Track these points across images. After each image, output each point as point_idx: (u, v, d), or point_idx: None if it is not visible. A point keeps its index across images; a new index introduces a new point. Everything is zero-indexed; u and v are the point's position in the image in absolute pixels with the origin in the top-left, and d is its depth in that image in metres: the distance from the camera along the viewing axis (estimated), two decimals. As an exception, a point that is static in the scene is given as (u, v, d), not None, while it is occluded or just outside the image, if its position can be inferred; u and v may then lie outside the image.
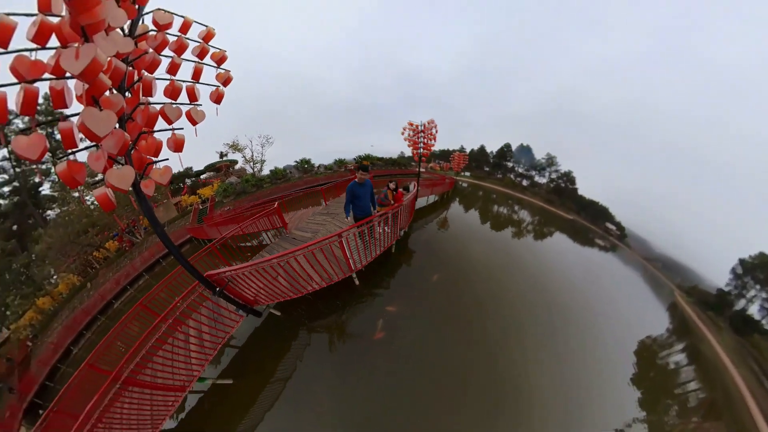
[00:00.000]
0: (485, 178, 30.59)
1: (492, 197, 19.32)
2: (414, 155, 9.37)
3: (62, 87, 1.32)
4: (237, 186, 15.46)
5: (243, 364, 4.03)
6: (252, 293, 3.52)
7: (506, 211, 15.67)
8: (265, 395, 3.48)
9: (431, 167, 31.69)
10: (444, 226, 9.39)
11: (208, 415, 3.48)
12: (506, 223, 12.59)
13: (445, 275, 5.78)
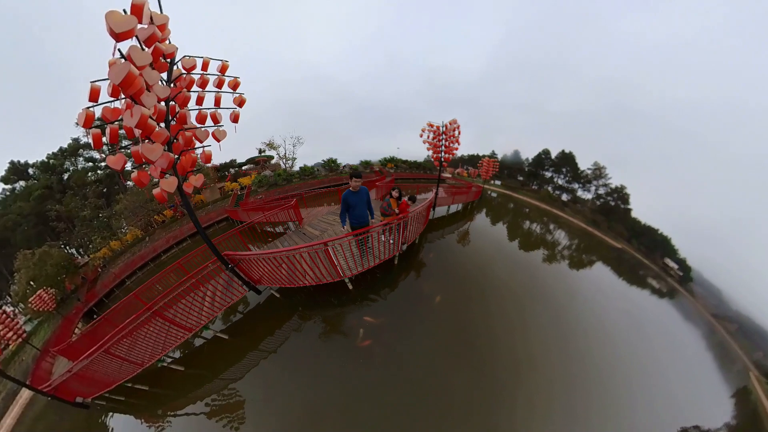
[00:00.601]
0: (518, 188, 26.67)
1: (524, 212, 16.78)
2: (434, 159, 8.56)
3: (131, 126, 2.21)
4: (270, 179, 17.19)
5: (240, 328, 4.84)
6: (256, 275, 4.27)
7: (539, 229, 13.27)
8: (251, 357, 4.14)
9: (458, 173, 29.48)
10: (464, 239, 8.32)
11: (204, 356, 4.45)
12: (538, 243, 10.41)
13: (453, 296, 5.09)
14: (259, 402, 3.54)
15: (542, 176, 30.21)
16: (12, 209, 14.81)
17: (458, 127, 8.09)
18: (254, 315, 4.99)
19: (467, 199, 11.89)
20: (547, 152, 30.28)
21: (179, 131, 2.89)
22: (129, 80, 2.00)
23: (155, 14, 2.30)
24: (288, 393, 3.57)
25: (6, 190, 15.76)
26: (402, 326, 4.26)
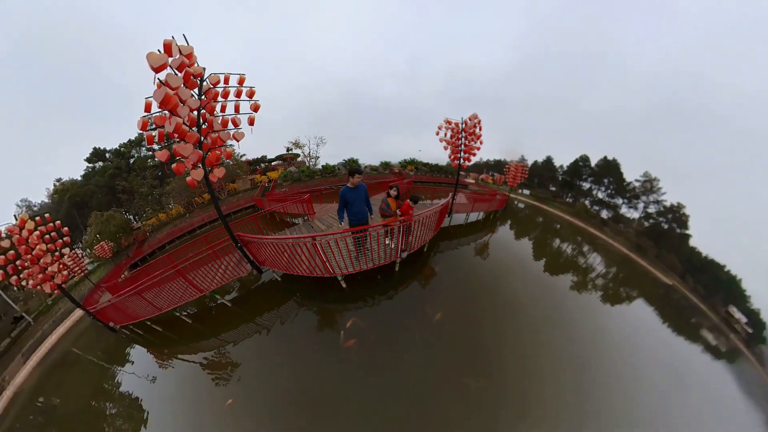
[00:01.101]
0: (549, 200, 22.50)
1: (554, 227, 14.37)
2: (453, 161, 7.53)
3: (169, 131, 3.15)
4: (295, 174, 18.67)
5: (243, 301, 5.45)
6: (261, 257, 4.83)
7: (571, 250, 10.99)
8: (246, 327, 4.62)
9: (482, 179, 26.82)
10: (482, 253, 7.33)
11: (209, 317, 5.23)
12: (567, 267, 8.47)
13: (457, 316, 4.49)
14: (244, 365, 3.96)
15: (579, 187, 24.77)
16: (92, 181, 19.81)
17: (479, 122, 6.95)
18: (257, 293, 5.52)
19: (489, 207, 10.65)
20: (585, 159, 24.50)
21: (207, 134, 3.73)
22: (166, 99, 2.95)
23: (183, 47, 3.17)
24: (269, 365, 3.93)
25: (89, 168, 20.98)
26: (390, 337, 4.00)
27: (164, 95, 2.94)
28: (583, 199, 24.84)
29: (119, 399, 4.43)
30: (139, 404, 4.07)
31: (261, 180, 18.43)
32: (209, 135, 3.73)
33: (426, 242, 5.43)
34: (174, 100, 3.02)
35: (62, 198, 18.45)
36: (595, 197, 24.35)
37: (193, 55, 3.26)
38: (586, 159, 25.11)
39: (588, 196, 24.74)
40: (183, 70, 3.15)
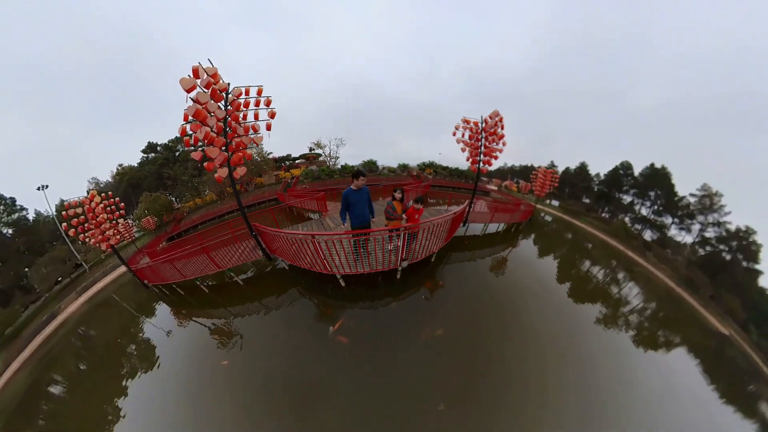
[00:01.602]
0: (581, 214, 18.66)
1: (585, 247, 11.98)
2: (472, 165, 6.68)
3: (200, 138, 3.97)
4: (315, 173, 19.62)
5: (253, 282, 6.03)
6: (272, 247, 5.32)
7: (602, 275, 8.79)
8: (251, 305, 5.17)
9: (505, 186, 23.71)
10: (498, 268, 6.53)
11: (223, 290, 6.00)
12: (596, 295, 6.73)
13: (460, 334, 4.10)
14: (244, 336, 4.49)
15: (618, 200, 20.24)
16: (145, 168, 24.33)
17: (501, 120, 6.06)
18: (266, 277, 6.08)
19: (511, 219, 9.51)
20: (627, 166, 19.78)
21: (232, 138, 4.47)
22: (197, 113, 3.74)
23: (208, 68, 3.94)
24: (264, 341, 4.36)
25: (143, 157, 25.47)
26: (378, 343, 3.93)
27: (195, 110, 3.76)
28: (623, 216, 20.16)
29: (139, 341, 5.55)
30: (154, 349, 5.05)
31: (284, 176, 19.92)
32: (234, 139, 4.49)
33: (434, 252, 5.04)
34: (203, 113, 3.83)
35: (122, 179, 22.31)
36: (637, 214, 19.49)
37: (217, 74, 4.04)
38: (629, 166, 19.98)
39: (629, 212, 19.96)
40: (210, 88, 3.94)
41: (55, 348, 7.55)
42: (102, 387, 4.84)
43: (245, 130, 4.61)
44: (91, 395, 4.85)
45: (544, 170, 13.18)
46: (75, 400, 5.14)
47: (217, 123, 4.06)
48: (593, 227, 16.30)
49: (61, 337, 8.03)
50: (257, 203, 15.99)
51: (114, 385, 4.60)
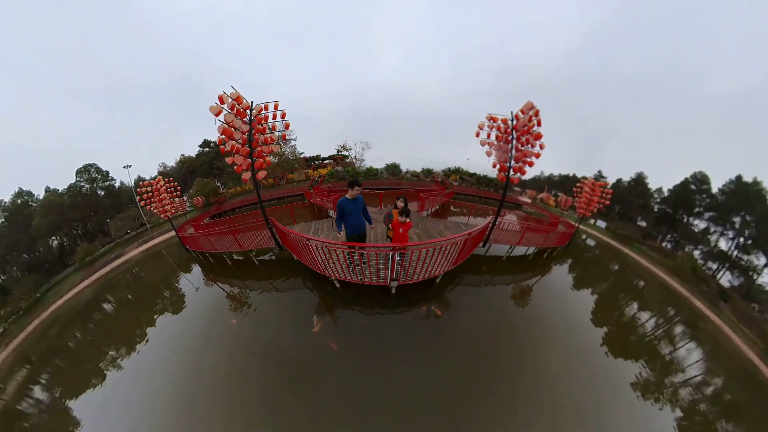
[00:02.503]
0: (635, 240, 14.78)
1: (636, 285, 9.27)
2: (499, 172, 5.44)
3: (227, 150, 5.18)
4: (340, 173, 20.98)
5: (268, 264, 7.03)
6: (284, 239, 5.89)
7: (654, 327, 6.30)
8: (262, 283, 6.08)
9: (541, 199, 20.17)
10: (520, 299, 5.55)
11: (242, 265, 7.24)
12: (641, 352, 5.05)
13: (457, 372, 3.59)
14: (251, 307, 5.25)
15: (686, 226, 14.75)
16: (199, 159, 28.20)
17: (537, 114, 4.71)
18: (279, 263, 6.76)
19: (545, 243, 7.63)
20: (702, 179, 14.18)
21: (255, 147, 5.46)
22: (225, 131, 4.81)
23: (232, 93, 4.94)
24: (266, 315, 4.96)
25: (200, 150, 29.15)
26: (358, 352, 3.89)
27: (223, 128, 4.85)
28: (691, 248, 14.40)
29: (173, 288, 7.44)
30: (182, 297, 6.67)
31: (312, 174, 21.58)
32: (256, 148, 5.48)
33: (438, 275, 4.45)
34: (230, 130, 4.89)
35: (182, 166, 26.81)
36: (713, 246, 13.47)
37: (240, 97, 5.03)
38: (703, 179, 14.17)
39: (700, 244, 14.08)
40: (234, 108, 4.94)
41: (114, 278, 10.66)
42: (137, 314, 6.83)
43: (265, 141, 5.67)
44: (129, 317, 6.98)
45: (592, 183, 9.93)
46: (117, 318, 7.46)
47: (242, 136, 5.11)
48: (648, 260, 12.62)
49: (120, 271, 11.18)
50: (286, 196, 17.93)
51: (146, 315, 6.39)
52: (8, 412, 5.18)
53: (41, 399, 5.23)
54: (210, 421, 3.35)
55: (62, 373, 5.87)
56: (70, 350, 6.64)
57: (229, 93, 4.86)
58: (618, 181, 19.09)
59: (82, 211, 18.74)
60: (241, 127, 5.04)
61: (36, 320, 9.72)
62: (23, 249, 16.84)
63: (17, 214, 17.19)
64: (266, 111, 5.50)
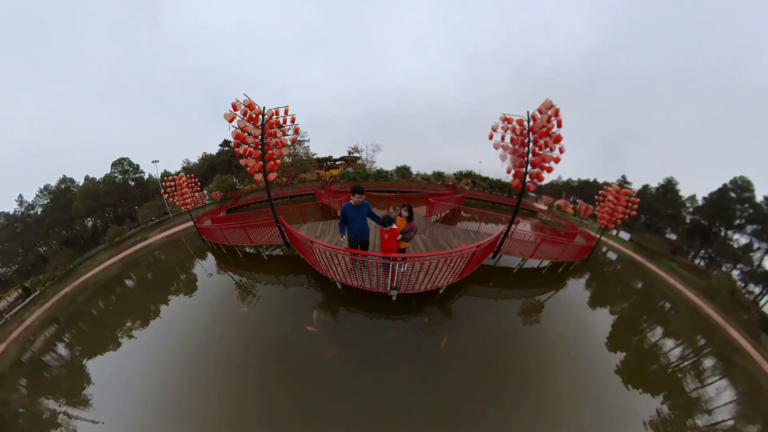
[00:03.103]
0: (663, 255, 13.10)
1: (661, 307, 8.30)
2: (514, 178, 5.07)
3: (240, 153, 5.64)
4: (351, 174, 21.65)
5: (276, 259, 7.31)
6: (292, 237, 5.94)
7: (681, 358, 5.44)
8: (268, 276, 6.45)
9: (558, 206, 18.68)
10: (530, 315, 5.17)
11: (252, 258, 7.72)
12: (663, 386, 4.38)
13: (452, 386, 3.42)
14: (257, 297, 5.64)
15: (724, 240, 12.76)
16: (220, 157, 28.97)
17: (557, 113, 4.28)
18: (286, 260, 7.01)
19: (561, 256, 7.02)
20: (743, 185, 12.36)
21: (267, 150, 5.87)
22: (238, 136, 5.27)
23: (244, 101, 5.31)
24: (271, 307, 5.28)
25: (220, 148, 30.07)
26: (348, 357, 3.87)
27: (236, 133, 5.26)
28: (729, 267, 12.50)
29: (188, 272, 8.25)
30: (195, 281, 7.42)
31: (324, 175, 22.36)
32: (268, 150, 5.89)
33: (441, 286, 4.33)
34: (243, 135, 5.29)
35: (204, 162, 28.06)
36: (756, 266, 11.43)
37: (252, 103, 5.40)
38: (746, 185, 12.32)
39: (740, 262, 12.06)
40: (246, 115, 5.35)
41: (137, 258, 11.99)
42: (154, 292, 7.75)
43: (275, 143, 6.11)
44: (147, 294, 7.96)
45: (616, 190, 8.64)
46: (136, 294, 8.51)
47: (254, 140, 5.53)
48: (678, 279, 11.01)
49: (143, 253, 12.54)
50: (298, 195, 18.60)
51: (161, 294, 7.20)
52: (34, 362, 6.17)
53: (62, 355, 6.05)
54: (207, 394, 3.65)
55: (83, 336, 6.73)
56: (92, 316, 7.66)
57: (242, 100, 5.23)
58: (644, 188, 17.15)
59: (115, 198, 21.27)
60: (253, 132, 5.44)
61: (67, 288, 11.00)
62: (63, 226, 19.34)
63: (60, 197, 19.80)
64: (277, 116, 5.80)
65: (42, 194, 19.84)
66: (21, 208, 18.58)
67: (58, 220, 19.36)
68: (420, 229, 6.90)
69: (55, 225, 19.28)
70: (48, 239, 19.14)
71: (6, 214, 17.63)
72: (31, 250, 17.98)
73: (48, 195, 20.07)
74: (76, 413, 4.07)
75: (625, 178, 18.56)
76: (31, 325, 9.19)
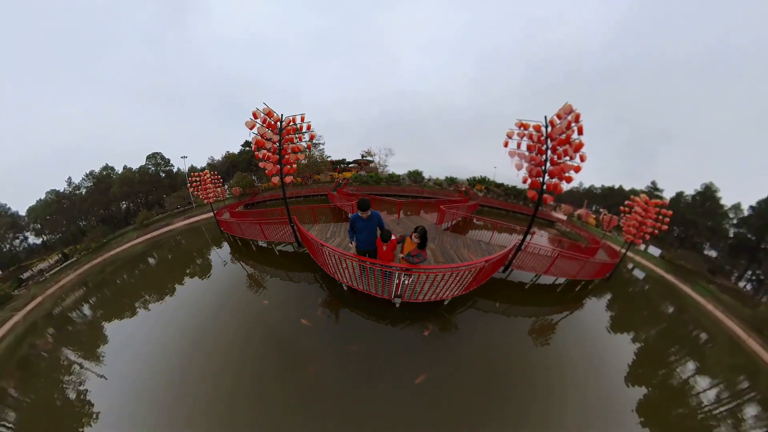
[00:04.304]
0: (700, 276, 11.61)
1: (697, 338, 7.17)
2: (530, 189, 4.83)
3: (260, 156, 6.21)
4: (364, 177, 22.16)
5: (287, 255, 7.60)
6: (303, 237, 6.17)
7: (718, 402, 4.44)
8: (279, 272, 6.76)
9: (578, 216, 17.45)
10: (541, 336, 4.76)
11: (264, 252, 8.09)
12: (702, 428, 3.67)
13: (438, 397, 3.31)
14: (266, 289, 6.01)
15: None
16: (241, 156, 30.93)
17: (578, 118, 4.02)
18: (296, 257, 7.21)
19: (579, 274, 6.34)
20: None
21: (285, 154, 6.32)
22: (258, 142, 5.83)
23: (264, 109, 5.79)
24: (275, 300, 5.52)
25: (242, 148, 31.91)
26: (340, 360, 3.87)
27: (256, 140, 5.77)
28: None
29: (205, 258, 9.08)
30: (210, 267, 8.08)
31: (337, 177, 23.13)
32: (285, 155, 6.33)
33: (446, 298, 4.25)
34: (262, 141, 5.81)
35: (227, 160, 30.27)
36: None
37: (271, 111, 5.85)
38: None
39: None
40: (266, 122, 5.81)
41: (160, 240, 13.43)
42: (172, 272, 8.64)
43: (293, 149, 6.56)
44: (165, 272, 8.99)
45: (645, 201, 7.61)
46: (156, 271, 9.66)
47: (273, 145, 6.02)
48: (718, 305, 9.39)
49: (167, 236, 14.07)
50: (312, 195, 19.43)
51: (178, 274, 7.96)
52: (62, 317, 7.30)
53: (86, 314, 7.09)
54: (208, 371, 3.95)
55: (106, 301, 7.79)
56: (116, 286, 8.86)
57: (262, 109, 5.75)
58: (678, 195, 14.87)
59: (147, 186, 23.78)
60: (272, 138, 5.95)
61: (98, 258, 12.62)
62: (101, 206, 22.18)
63: (102, 182, 22.70)
64: (294, 123, 6.25)
65: (87, 178, 22.73)
66: (69, 188, 21.41)
67: (97, 201, 22.21)
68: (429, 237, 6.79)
69: (95, 205, 22.15)
70: (88, 216, 22.00)
71: (57, 192, 20.38)
72: (73, 223, 20.81)
73: (92, 179, 22.89)
74: (87, 366, 4.65)
75: (655, 185, 16.96)
76: (65, 285, 10.49)
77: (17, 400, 4.56)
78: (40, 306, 8.98)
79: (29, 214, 19.05)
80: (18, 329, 7.73)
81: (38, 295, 9.66)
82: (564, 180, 4.53)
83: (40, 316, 7.97)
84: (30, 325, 7.70)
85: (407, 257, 3.74)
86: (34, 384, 4.87)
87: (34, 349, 6.08)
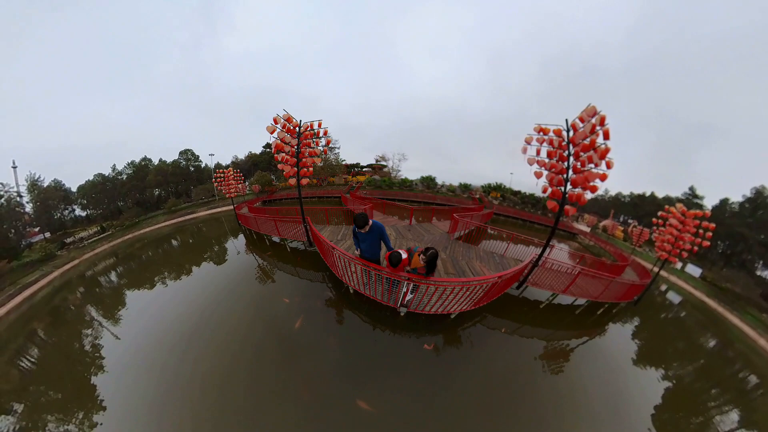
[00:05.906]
0: (750, 302, 9.33)
1: (745, 379, 5.60)
2: (550, 199, 4.39)
3: (279, 159, 6.66)
4: (377, 182, 22.57)
5: (298, 252, 7.81)
6: (315, 238, 6.33)
7: None
8: (288, 267, 6.88)
9: (603, 228, 15.41)
10: (554, 362, 4.26)
11: (277, 247, 8.43)
12: None
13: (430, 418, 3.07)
14: (275, 282, 6.24)
15: None
16: (262, 156, 32.55)
17: (603, 122, 3.61)
18: (307, 254, 7.46)
19: (602, 295, 5.61)
20: None
21: (302, 158, 6.72)
22: (277, 146, 6.32)
23: (284, 115, 6.28)
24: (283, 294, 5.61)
25: (263, 149, 33.42)
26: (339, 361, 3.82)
27: (276, 144, 6.21)
28: None
29: (221, 245, 9.93)
30: (225, 253, 8.87)
31: (351, 180, 23.76)
32: (303, 158, 6.73)
33: (454, 312, 4.06)
34: (282, 145, 6.22)
35: (249, 159, 32.31)
36: None
37: (291, 117, 6.24)
38: None
39: None
40: (285, 127, 6.19)
41: (185, 226, 15.00)
42: (192, 254, 9.59)
43: (309, 153, 6.95)
44: (185, 254, 9.95)
45: (682, 211, 6.46)
46: (177, 252, 10.64)
47: (291, 149, 6.40)
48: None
49: (190, 223, 15.73)
50: (326, 196, 20.15)
51: (197, 257, 8.76)
52: (92, 279, 8.46)
53: (112, 280, 8.13)
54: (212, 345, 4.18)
55: (130, 272, 8.81)
56: (141, 260, 9.97)
57: (282, 114, 6.21)
58: (722, 203, 12.69)
59: (177, 177, 26.68)
60: (290, 142, 6.36)
61: (130, 235, 14.26)
62: (137, 191, 25.37)
63: (140, 170, 25.88)
64: (311, 128, 6.37)
65: (128, 166, 25.94)
66: (113, 173, 24.81)
67: (135, 186, 25.22)
68: (440, 247, 6.50)
69: (132, 189, 25.18)
70: (125, 198, 25.07)
71: (102, 175, 23.78)
72: (113, 202, 24.01)
73: (132, 167, 26.01)
74: (105, 324, 5.29)
75: (693, 191, 14.45)
76: (99, 253, 12.04)
77: (42, 340, 5.37)
78: (76, 267, 10.20)
79: (78, 191, 22.42)
80: (55, 283, 8.92)
81: (76, 258, 10.99)
82: (588, 189, 4.05)
83: (75, 276, 9.14)
84: (65, 282, 8.84)
85: (413, 272, 3.51)
86: (58, 329, 5.68)
87: (65, 301, 7.03)
